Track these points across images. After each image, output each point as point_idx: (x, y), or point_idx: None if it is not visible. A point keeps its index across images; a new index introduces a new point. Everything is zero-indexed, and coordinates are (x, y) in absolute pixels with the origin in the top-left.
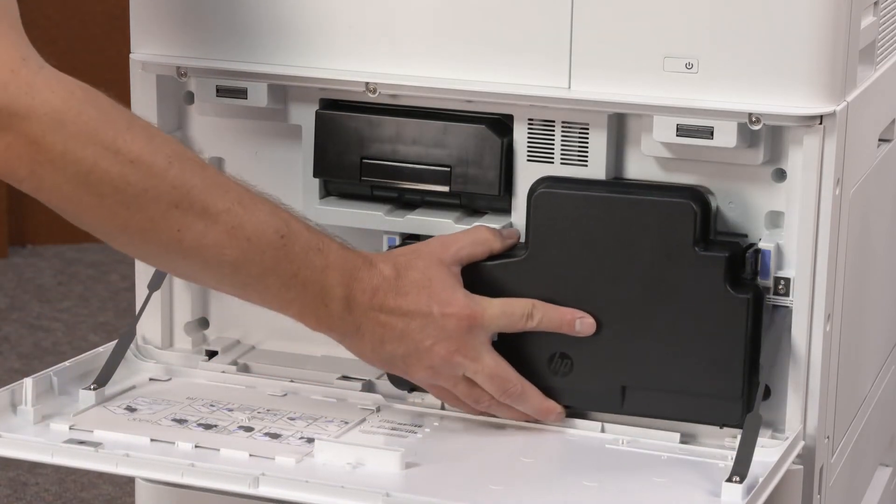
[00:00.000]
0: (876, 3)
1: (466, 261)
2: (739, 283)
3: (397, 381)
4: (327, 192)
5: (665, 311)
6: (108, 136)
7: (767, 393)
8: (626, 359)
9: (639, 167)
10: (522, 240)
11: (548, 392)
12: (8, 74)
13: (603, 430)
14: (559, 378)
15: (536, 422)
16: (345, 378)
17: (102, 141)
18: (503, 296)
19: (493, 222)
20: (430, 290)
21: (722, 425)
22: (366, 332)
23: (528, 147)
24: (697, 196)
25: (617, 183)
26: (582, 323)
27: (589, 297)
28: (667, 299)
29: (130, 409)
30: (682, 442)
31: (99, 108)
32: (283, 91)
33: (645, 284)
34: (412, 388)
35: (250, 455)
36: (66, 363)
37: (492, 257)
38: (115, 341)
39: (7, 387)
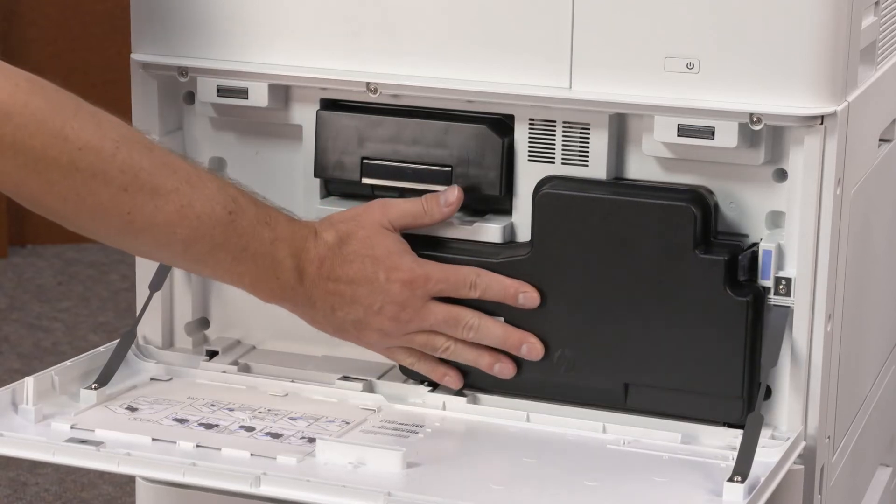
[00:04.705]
0: (876, 3)
1: (407, 228)
2: (739, 284)
3: (408, 372)
4: (328, 192)
5: (666, 312)
6: (55, 125)
7: (768, 393)
8: (629, 357)
9: (640, 167)
10: (526, 239)
11: (552, 388)
12: None
13: (604, 431)
14: (563, 375)
15: (518, 363)
16: (346, 378)
17: (50, 130)
18: None
19: (493, 222)
20: (373, 257)
21: (723, 423)
22: (317, 301)
23: (529, 147)
24: (698, 199)
25: (621, 184)
26: (525, 297)
27: (592, 296)
28: (668, 300)
29: (131, 409)
30: (683, 442)
31: (46, 97)
32: (283, 91)
33: (647, 284)
34: (423, 379)
35: (251, 454)
36: (68, 362)
37: (497, 255)
38: (116, 341)
39: (8, 386)
